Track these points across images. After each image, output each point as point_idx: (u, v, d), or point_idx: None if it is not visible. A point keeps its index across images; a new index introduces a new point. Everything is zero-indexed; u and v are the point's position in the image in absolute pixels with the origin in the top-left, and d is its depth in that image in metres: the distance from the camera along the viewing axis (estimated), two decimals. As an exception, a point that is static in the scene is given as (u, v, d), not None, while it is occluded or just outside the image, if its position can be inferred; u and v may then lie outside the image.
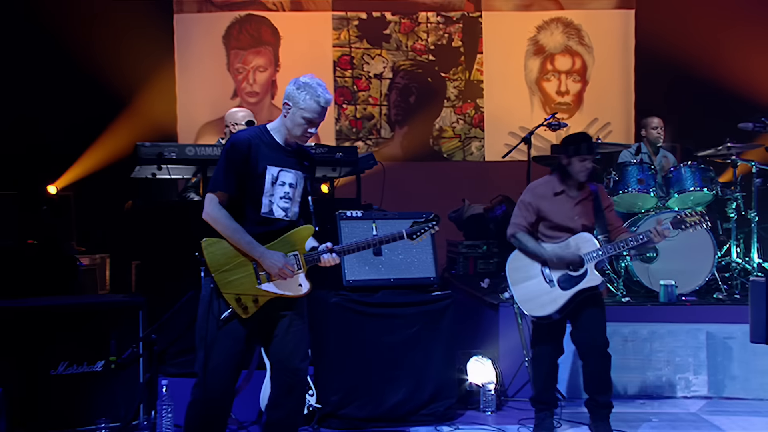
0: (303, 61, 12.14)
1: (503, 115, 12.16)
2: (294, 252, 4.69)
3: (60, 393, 6.13)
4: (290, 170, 4.75)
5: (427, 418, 6.54)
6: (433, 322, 6.69)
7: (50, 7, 10.80)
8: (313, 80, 4.71)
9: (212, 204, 4.62)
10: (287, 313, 4.77)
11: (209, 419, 4.73)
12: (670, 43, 11.37)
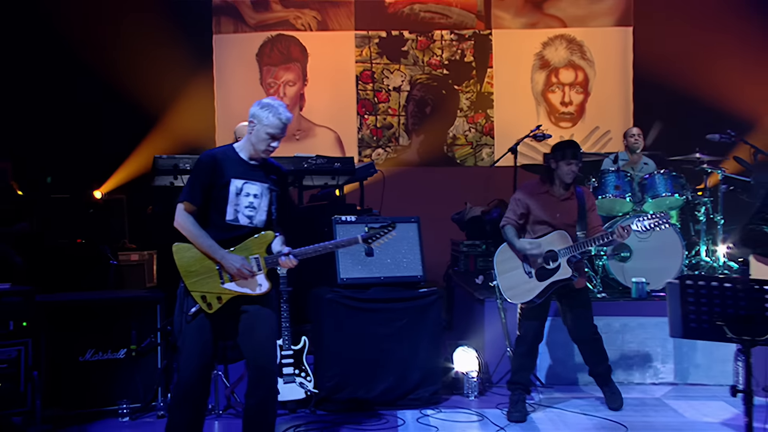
0: (328, 76, 12.33)
1: (512, 124, 12.01)
2: (255, 255, 4.86)
3: (87, 377, 6.34)
4: (255, 183, 4.93)
5: (413, 403, 6.65)
6: (420, 315, 6.79)
7: (104, 33, 11.01)
8: (275, 101, 4.92)
9: (180, 213, 4.85)
10: (251, 309, 4.94)
11: (187, 398, 4.92)
12: (665, 57, 11.35)
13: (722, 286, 4.17)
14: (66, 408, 6.37)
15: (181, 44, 11.63)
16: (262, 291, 4.91)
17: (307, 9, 12.25)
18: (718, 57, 11.07)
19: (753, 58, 11.02)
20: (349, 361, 6.70)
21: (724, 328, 4.23)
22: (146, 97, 11.05)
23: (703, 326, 4.31)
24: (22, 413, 6.16)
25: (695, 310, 4.29)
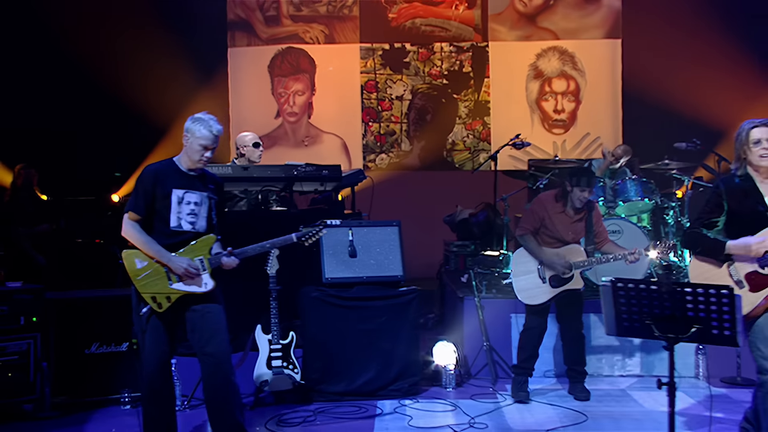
0: (335, 86, 12.43)
1: (507, 131, 11.59)
2: (200, 257, 5.03)
3: (92, 368, 6.50)
4: (195, 192, 5.10)
5: (393, 393, 6.77)
6: (399, 313, 6.90)
7: (123, 48, 11.14)
8: (206, 116, 5.10)
9: (126, 223, 5.04)
10: (198, 307, 5.09)
11: (152, 392, 5.12)
12: (652, 67, 11.43)
13: (649, 289, 4.29)
14: (73, 396, 6.54)
15: (198, 57, 11.84)
16: (208, 288, 5.06)
17: (315, 23, 12.35)
18: (700, 68, 11.11)
19: (731, 70, 11.01)
20: (333, 355, 6.83)
21: (652, 326, 4.38)
22: (164, 107, 11.11)
23: (634, 325, 4.45)
24: (32, 401, 6.40)
25: (626, 310, 4.43)
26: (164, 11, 11.51)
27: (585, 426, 6.05)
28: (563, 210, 6.68)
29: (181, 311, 5.08)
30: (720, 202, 4.92)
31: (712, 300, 4.19)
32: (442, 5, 12.31)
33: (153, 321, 5.04)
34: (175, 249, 5.02)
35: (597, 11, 12.23)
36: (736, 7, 11.21)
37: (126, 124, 11.15)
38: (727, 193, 4.90)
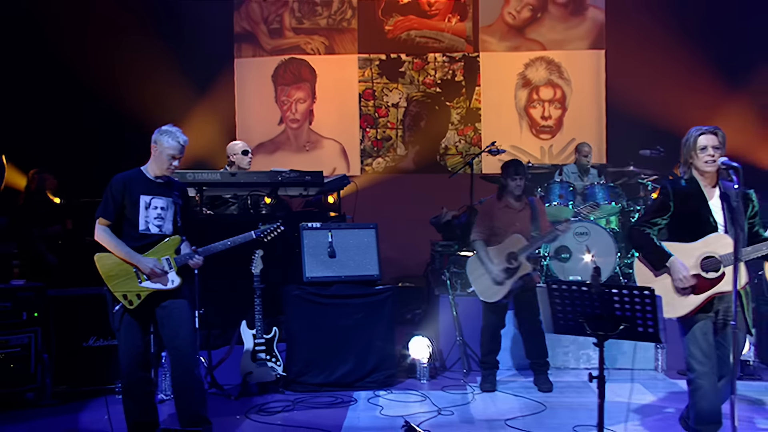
0: (334, 94, 12.38)
1: (497, 136, 11.29)
2: (166, 256, 5.17)
3: (90, 359, 6.65)
4: (161, 197, 5.23)
5: (369, 385, 6.90)
6: (375, 310, 7.02)
7: (132, 59, 10.99)
8: (172, 128, 5.24)
9: (98, 228, 5.17)
10: (167, 303, 5.22)
11: (131, 385, 5.25)
12: (633, 76, 11.36)
13: (580, 290, 4.41)
14: (72, 386, 6.69)
15: (207, 67, 11.88)
16: (174, 286, 5.20)
17: (316, 35, 12.33)
18: (675, 78, 11.05)
19: (699, 81, 10.93)
20: (314, 349, 6.93)
21: (585, 325, 4.50)
22: (174, 114, 10.92)
23: (569, 323, 4.58)
24: (33, 390, 6.58)
25: (561, 310, 4.55)
26: (175, 26, 11.54)
27: (542, 415, 6.17)
28: (506, 204, 6.88)
29: (152, 308, 5.22)
30: (667, 203, 4.94)
31: (636, 300, 4.31)
32: (436, 18, 12.27)
33: (126, 318, 5.17)
34: (144, 250, 5.16)
35: (582, 23, 12.17)
36: (705, 22, 11.09)
37: (141, 129, 11.14)
38: (673, 195, 4.92)
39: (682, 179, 4.98)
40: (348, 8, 12.31)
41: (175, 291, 5.23)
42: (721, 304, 4.81)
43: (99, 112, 10.66)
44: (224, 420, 6.06)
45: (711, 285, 4.75)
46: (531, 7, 12.23)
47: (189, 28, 11.66)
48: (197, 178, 7.23)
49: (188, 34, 11.65)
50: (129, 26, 11.11)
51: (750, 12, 10.77)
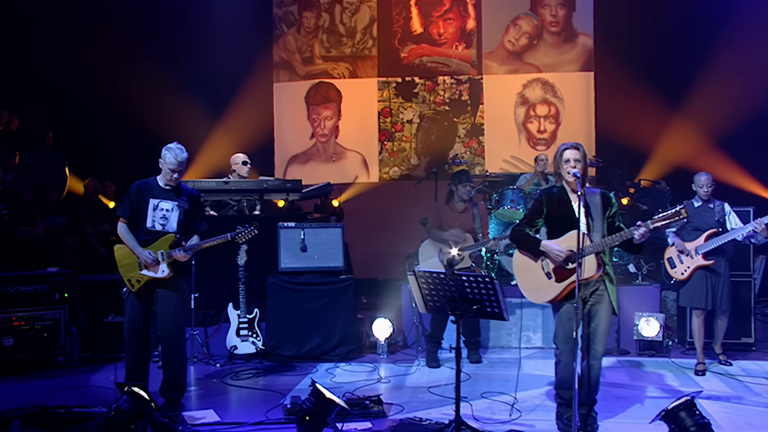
0: (357, 112, 12.64)
1: (499, 148, 12.28)
2: (161, 250, 5.73)
3: (109, 332, 7.38)
4: (168, 201, 5.77)
5: (333, 358, 7.45)
6: (339, 295, 7.56)
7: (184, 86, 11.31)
8: (175, 146, 5.75)
9: (119, 225, 5.79)
10: (161, 290, 5.80)
11: (128, 347, 5.85)
12: (619, 95, 11.39)
13: (439, 277, 4.96)
14: (95, 353, 7.51)
15: (251, 91, 12.37)
16: (164, 275, 5.74)
17: (341, 62, 12.69)
18: (652, 98, 11.14)
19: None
20: (287, 328, 7.54)
21: (446, 305, 5.03)
22: (220, 130, 11.84)
23: (436, 305, 5.13)
24: (63, 354, 7.43)
25: (428, 293, 5.10)
26: (226, 57, 11.99)
27: (464, 383, 6.47)
28: (452, 207, 7.40)
29: (151, 292, 5.83)
30: (541, 208, 5.33)
31: (482, 285, 4.83)
32: (445, 46, 12.52)
33: (131, 298, 5.83)
34: (149, 244, 5.75)
35: (573, 49, 12.30)
36: (676, 49, 11.19)
37: (192, 143, 11.66)
38: (546, 201, 5.32)
39: (555, 187, 5.39)
40: (369, 38, 12.67)
41: (170, 280, 5.78)
42: (587, 290, 5.18)
43: (152, 128, 10.77)
44: (203, 383, 6.85)
45: (570, 274, 5.14)
46: (528, 36, 12.39)
47: (237, 58, 12.20)
48: (197, 186, 7.79)
49: (236, 63, 12.19)
50: (189, 63, 11.69)
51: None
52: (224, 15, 11.93)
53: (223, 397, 6.34)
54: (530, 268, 5.32)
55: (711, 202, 7.07)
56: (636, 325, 7.68)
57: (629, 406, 5.88)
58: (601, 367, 5.30)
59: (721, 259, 6.96)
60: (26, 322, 7.17)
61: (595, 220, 5.18)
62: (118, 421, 4.89)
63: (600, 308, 5.18)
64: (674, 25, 11.17)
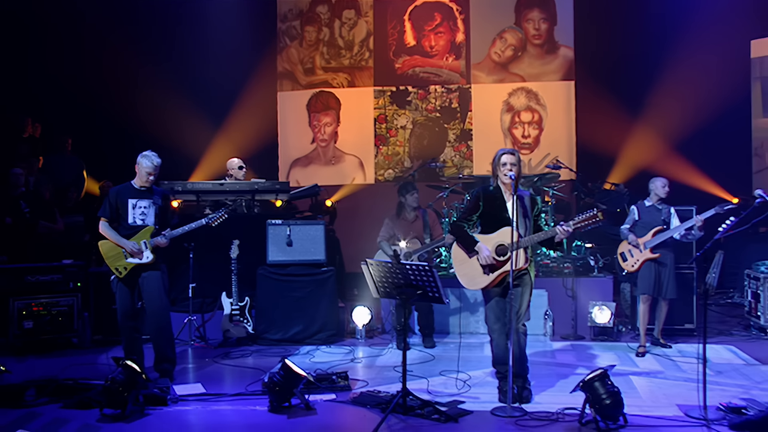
0: (354, 119, 13.08)
1: (486, 152, 12.48)
2: (143, 240, 6.41)
3: (116, 317, 7.83)
4: (144, 200, 6.45)
5: (315, 341, 8.05)
6: (321, 285, 8.17)
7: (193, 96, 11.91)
8: (151, 153, 6.44)
9: (101, 223, 6.45)
10: (145, 274, 6.44)
11: (122, 329, 6.52)
12: (598, 102, 11.81)
13: (387, 266, 5.59)
14: (104, 335, 8.17)
15: (257, 100, 12.92)
16: (148, 260, 6.42)
17: (340, 72, 13.18)
18: (622, 106, 11.69)
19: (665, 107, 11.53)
20: (274, 313, 8.16)
21: (395, 291, 5.66)
22: (227, 136, 12.39)
23: (387, 290, 5.74)
24: (77, 336, 8.10)
25: (380, 280, 5.73)
26: (233, 68, 12.59)
27: (427, 363, 7.24)
28: (403, 218, 7.92)
29: (136, 277, 6.50)
30: (478, 204, 5.90)
31: (423, 274, 5.46)
32: (436, 57, 12.99)
33: (120, 285, 6.50)
34: (132, 236, 6.44)
35: (555, 60, 12.74)
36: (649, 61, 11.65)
37: (201, 149, 12.25)
38: (483, 198, 5.89)
39: (491, 186, 5.99)
40: (366, 51, 13.18)
41: (151, 264, 6.45)
42: (516, 280, 5.75)
43: (163, 135, 11.26)
44: (200, 362, 7.49)
45: (501, 265, 5.77)
46: (513, 48, 12.85)
47: (243, 69, 12.80)
48: (195, 187, 8.53)
49: (242, 74, 12.78)
50: (198, 75, 12.30)
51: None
52: (232, 30, 12.50)
53: (213, 374, 6.98)
54: (467, 259, 5.92)
55: (660, 204, 7.64)
56: (590, 312, 8.25)
57: (565, 382, 6.45)
58: (526, 340, 5.90)
59: (666, 253, 7.54)
60: (44, 308, 7.89)
61: (524, 219, 5.78)
62: (113, 390, 5.61)
63: (524, 291, 5.81)
64: (640, 39, 11.68)
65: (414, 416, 5.52)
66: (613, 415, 5.24)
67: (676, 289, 7.65)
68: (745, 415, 5.23)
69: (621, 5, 11.89)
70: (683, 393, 6.02)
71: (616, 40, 11.89)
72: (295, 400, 5.79)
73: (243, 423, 5.54)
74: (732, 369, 6.89)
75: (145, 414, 5.67)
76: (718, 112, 10.98)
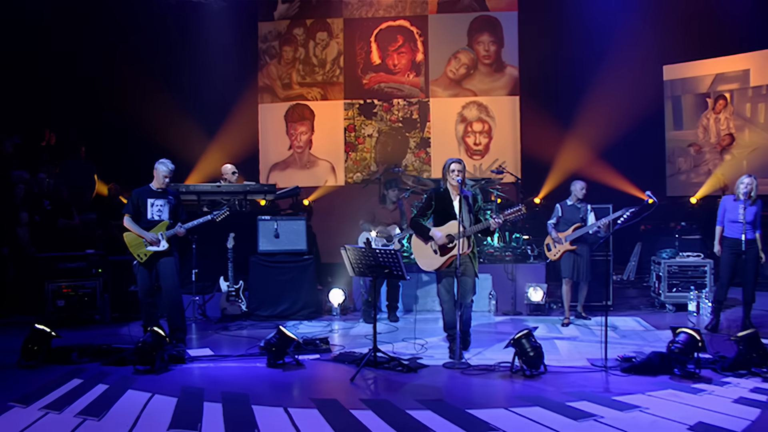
0: (327, 128, 14.00)
1: (443, 158, 12.13)
2: (160, 232, 7.50)
3: (132, 298, 8.83)
4: (160, 199, 7.54)
5: (299, 317, 9.14)
6: (303, 270, 9.28)
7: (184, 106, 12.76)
8: (165, 160, 7.51)
9: (126, 218, 7.52)
10: (161, 260, 7.51)
11: (142, 305, 7.61)
12: (539, 115, 13.08)
13: (360, 250, 6.87)
14: (122, 314, 9.22)
15: (240, 112, 13.89)
16: (164, 248, 7.53)
17: (314, 87, 14.15)
18: (556, 119, 13.00)
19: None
20: (264, 294, 9.26)
21: (367, 270, 6.94)
22: (212, 144, 13.31)
23: (361, 269, 6.95)
24: (99, 314, 9.16)
25: (355, 261, 6.98)
26: (218, 85, 13.43)
27: (391, 333, 8.44)
28: (384, 207, 9.09)
29: (154, 262, 7.62)
30: (431, 203, 7.18)
31: (389, 256, 6.72)
32: (399, 74, 13.86)
33: (141, 268, 7.63)
34: (150, 229, 7.57)
35: (502, 78, 13.77)
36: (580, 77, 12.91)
37: (190, 156, 13.02)
38: (435, 198, 7.18)
39: (441, 188, 7.28)
40: (337, 68, 14.20)
41: (166, 252, 7.55)
42: (461, 262, 7.02)
43: (162, 143, 11.99)
44: (204, 333, 8.64)
45: (450, 251, 7.10)
46: (466, 66, 13.98)
47: (229, 85, 13.68)
48: (196, 188, 9.59)
49: (227, 89, 13.67)
50: (188, 88, 13.16)
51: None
52: (219, 51, 13.50)
53: (216, 342, 8.16)
54: (423, 246, 7.24)
55: (580, 203, 9.03)
56: (526, 292, 9.64)
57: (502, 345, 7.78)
58: (471, 310, 7.25)
59: (582, 245, 8.93)
60: (72, 290, 9.00)
61: (467, 214, 7.12)
62: (144, 350, 6.82)
63: (467, 272, 7.14)
64: (573, 62, 12.92)
65: (382, 369, 6.81)
66: (536, 365, 6.58)
67: (592, 273, 9.02)
68: (632, 362, 6.66)
69: (558, 32, 13.14)
70: (593, 351, 7.34)
71: (553, 62, 13.16)
72: (288, 359, 7.03)
73: (248, 375, 6.77)
74: (634, 333, 8.34)
75: (169, 369, 6.86)
76: (637, 125, 12.45)
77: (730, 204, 8.25)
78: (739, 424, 5.18)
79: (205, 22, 13.61)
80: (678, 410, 5.50)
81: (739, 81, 12.95)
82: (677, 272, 9.66)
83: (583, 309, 9.19)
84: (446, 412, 5.54)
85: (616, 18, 12.57)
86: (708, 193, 12.68)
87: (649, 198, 7.42)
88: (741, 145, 12.96)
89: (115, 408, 5.74)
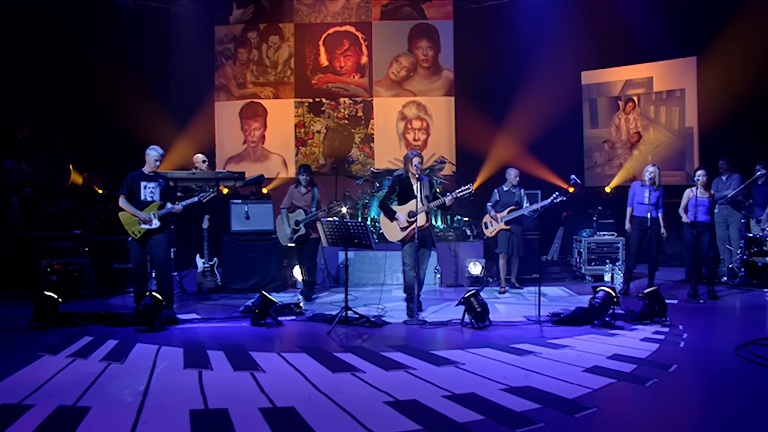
0: (278, 124, 14.73)
1: (385, 152, 14.53)
2: (152, 211, 8.11)
3: (116, 275, 9.80)
4: (152, 182, 8.13)
5: (268, 290, 9.53)
6: (271, 248, 10.04)
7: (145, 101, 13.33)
8: (156, 146, 8.10)
9: (121, 199, 8.08)
10: (154, 236, 8.12)
11: (134, 279, 8.20)
12: (474, 113, 14.10)
13: (334, 222, 7.87)
14: (106, 289, 9.85)
15: (196, 108, 14.58)
16: (156, 226, 8.15)
17: (267, 86, 14.88)
18: (488, 116, 14.12)
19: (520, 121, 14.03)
20: (236, 270, 10.05)
21: (339, 240, 7.94)
22: (174, 138, 13.87)
23: (335, 240, 7.93)
24: (87, 288, 9.77)
25: (329, 233, 7.96)
26: (177, 82, 14.06)
27: (354, 301, 9.33)
28: (298, 191, 9.69)
29: (146, 239, 8.29)
30: (395, 187, 8.22)
31: (359, 228, 7.75)
32: (345, 75, 14.72)
33: (134, 244, 8.26)
34: (143, 209, 8.22)
35: (439, 80, 14.71)
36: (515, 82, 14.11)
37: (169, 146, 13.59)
38: (398, 183, 8.25)
39: (403, 175, 8.37)
40: (288, 69, 14.98)
41: (158, 229, 8.19)
42: (420, 233, 8.11)
43: (132, 135, 12.64)
44: (185, 303, 9.40)
45: (411, 225, 8.17)
46: (406, 69, 14.90)
47: (193, 83, 14.33)
48: (173, 175, 10.23)
49: (186, 86, 14.26)
50: (152, 85, 13.73)
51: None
52: (180, 52, 14.23)
53: (198, 310, 8.98)
54: (389, 223, 8.27)
55: (515, 188, 10.22)
56: (467, 267, 10.78)
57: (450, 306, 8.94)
58: (425, 275, 8.33)
59: (515, 225, 10.13)
60: (63, 267, 9.62)
61: (425, 194, 8.22)
62: (145, 312, 7.63)
63: (425, 243, 8.22)
64: (503, 66, 14.15)
65: (353, 325, 7.81)
66: (483, 319, 7.69)
67: (524, 249, 10.23)
68: (560, 316, 7.88)
69: (490, 40, 14.28)
70: (528, 311, 8.55)
71: (485, 66, 14.29)
72: (269, 320, 7.96)
73: (237, 332, 7.66)
74: (560, 298, 9.59)
75: (166, 329, 7.69)
76: (559, 123, 13.70)
77: (638, 188, 9.58)
78: (644, 353, 6.43)
79: (167, 24, 14.29)
80: (598, 347, 6.70)
81: (644, 86, 14.29)
82: (595, 248, 10.97)
83: (516, 280, 10.36)
84: (413, 352, 6.58)
85: (542, 28, 13.74)
86: (620, 183, 14.01)
87: (572, 185, 8.65)
88: (647, 142, 14.29)
89: (132, 355, 6.55)
